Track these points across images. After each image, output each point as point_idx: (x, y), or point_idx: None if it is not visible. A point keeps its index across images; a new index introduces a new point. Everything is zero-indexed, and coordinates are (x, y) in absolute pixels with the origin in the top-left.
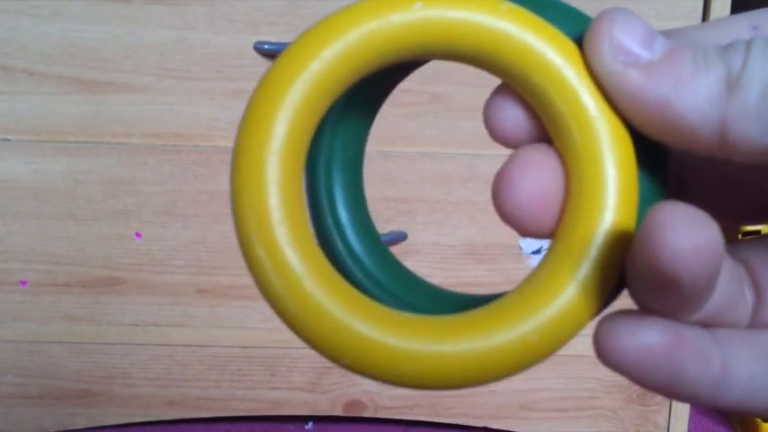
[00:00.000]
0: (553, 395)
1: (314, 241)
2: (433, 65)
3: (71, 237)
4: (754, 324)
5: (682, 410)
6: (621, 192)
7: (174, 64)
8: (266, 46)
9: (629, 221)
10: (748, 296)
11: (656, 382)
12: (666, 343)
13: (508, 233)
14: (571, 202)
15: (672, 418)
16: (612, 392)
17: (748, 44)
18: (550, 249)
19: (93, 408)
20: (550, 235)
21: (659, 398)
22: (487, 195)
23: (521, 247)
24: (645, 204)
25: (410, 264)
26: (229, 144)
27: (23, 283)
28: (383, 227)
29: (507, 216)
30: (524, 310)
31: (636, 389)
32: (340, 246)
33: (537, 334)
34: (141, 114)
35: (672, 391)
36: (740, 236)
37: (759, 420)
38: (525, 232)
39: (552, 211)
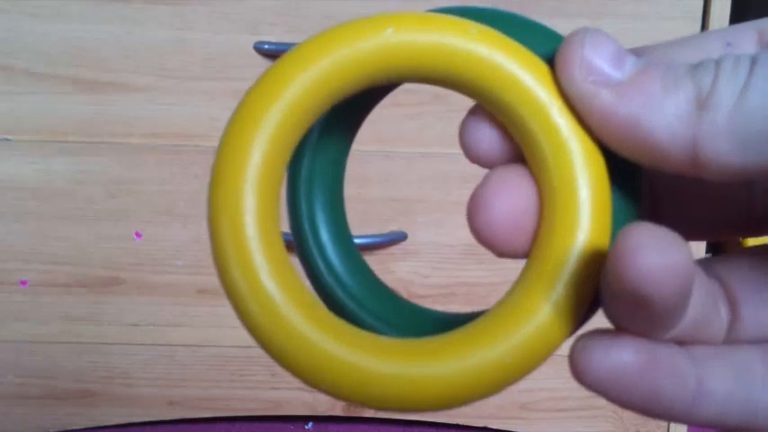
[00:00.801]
0: (553, 395)
1: (291, 266)
2: None
3: (71, 237)
4: (729, 340)
5: None
6: (595, 211)
7: (173, 64)
8: (266, 46)
9: (603, 241)
10: (723, 313)
11: (631, 401)
12: (641, 361)
13: None
14: (545, 222)
15: None
16: None
17: (718, 63)
18: (524, 270)
19: (93, 408)
20: (525, 256)
21: None
22: None
23: None
24: (619, 223)
25: (410, 264)
26: None
27: (23, 283)
28: (383, 227)
29: (481, 237)
30: (498, 332)
31: None
32: (321, 266)
33: (511, 355)
34: (141, 114)
35: (648, 409)
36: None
37: None
38: (500, 253)
39: (526, 231)
